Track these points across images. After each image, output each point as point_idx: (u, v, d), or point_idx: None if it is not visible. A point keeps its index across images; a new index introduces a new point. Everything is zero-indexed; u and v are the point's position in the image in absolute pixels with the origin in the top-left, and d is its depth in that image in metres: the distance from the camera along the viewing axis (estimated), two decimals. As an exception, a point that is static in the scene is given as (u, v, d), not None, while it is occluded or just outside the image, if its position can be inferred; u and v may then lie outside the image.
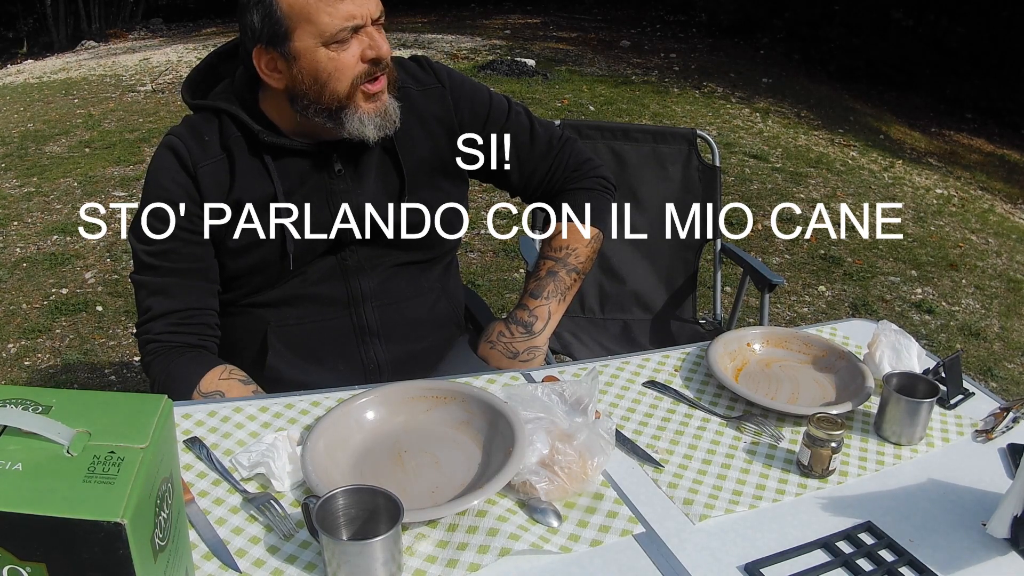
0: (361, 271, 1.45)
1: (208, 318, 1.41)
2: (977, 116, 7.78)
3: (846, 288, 3.77)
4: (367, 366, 1.46)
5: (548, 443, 1.08)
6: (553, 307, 1.50)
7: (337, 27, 1.26)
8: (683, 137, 2.27)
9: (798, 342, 1.48)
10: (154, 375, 1.36)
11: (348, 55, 1.29)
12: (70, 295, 3.35)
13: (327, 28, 1.26)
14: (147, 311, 1.38)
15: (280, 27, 1.26)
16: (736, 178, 4.95)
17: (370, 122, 1.33)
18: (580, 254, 1.55)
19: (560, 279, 1.52)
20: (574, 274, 1.54)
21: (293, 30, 1.27)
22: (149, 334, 1.37)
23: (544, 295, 1.50)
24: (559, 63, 7.63)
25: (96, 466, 0.69)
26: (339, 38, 1.27)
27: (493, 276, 3.62)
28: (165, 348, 1.36)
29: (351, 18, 1.26)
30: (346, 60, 1.29)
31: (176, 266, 1.37)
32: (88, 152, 5.04)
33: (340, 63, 1.29)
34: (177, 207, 1.34)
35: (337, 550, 0.88)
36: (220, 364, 1.35)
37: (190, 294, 1.38)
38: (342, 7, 1.25)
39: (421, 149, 1.46)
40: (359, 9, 1.27)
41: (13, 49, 9.49)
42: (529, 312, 1.49)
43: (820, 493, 1.12)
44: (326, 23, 1.25)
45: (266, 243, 1.37)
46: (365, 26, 1.29)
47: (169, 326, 1.37)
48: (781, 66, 8.52)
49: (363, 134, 1.33)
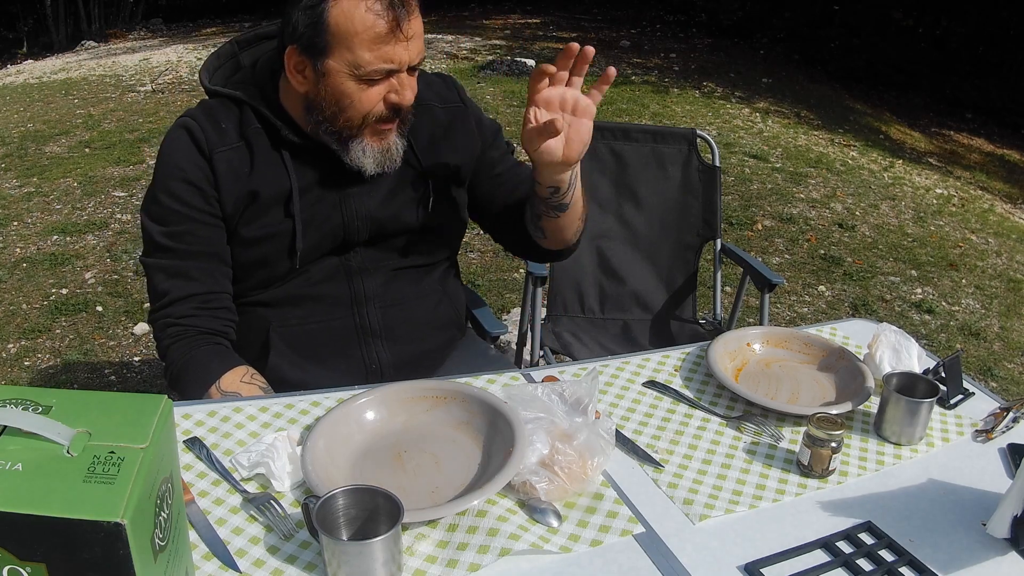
0: (364, 272, 1.45)
1: (228, 302, 1.40)
2: (977, 116, 7.78)
3: (846, 288, 3.77)
4: (369, 366, 1.46)
5: (548, 443, 1.08)
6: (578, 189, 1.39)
7: (373, 67, 1.26)
8: (683, 137, 2.27)
9: (798, 342, 1.48)
10: (172, 359, 1.34)
11: (373, 93, 1.29)
12: (70, 295, 3.35)
13: (363, 64, 1.25)
14: (165, 294, 1.35)
15: (321, 40, 1.26)
16: (736, 178, 4.95)
17: (371, 156, 1.34)
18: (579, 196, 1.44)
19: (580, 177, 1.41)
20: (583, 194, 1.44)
21: (332, 49, 1.26)
22: (170, 317, 1.35)
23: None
24: (559, 63, 7.61)
25: (96, 466, 0.69)
26: (371, 76, 1.27)
27: (493, 276, 3.62)
28: (188, 333, 1.35)
29: (389, 62, 1.26)
30: (370, 97, 1.29)
31: (193, 248, 1.35)
32: (88, 152, 5.04)
33: (363, 98, 1.29)
34: (194, 187, 1.33)
35: (337, 550, 0.88)
36: (243, 364, 1.34)
37: (210, 277, 1.37)
38: (385, 49, 1.25)
39: (442, 159, 1.47)
40: (400, 55, 1.26)
41: (13, 49, 9.50)
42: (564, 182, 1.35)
43: (820, 493, 1.12)
44: (364, 59, 1.25)
45: (275, 238, 1.37)
46: (400, 72, 1.29)
47: (192, 309, 1.35)
48: (781, 66, 8.52)
49: (362, 165, 1.34)
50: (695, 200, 2.28)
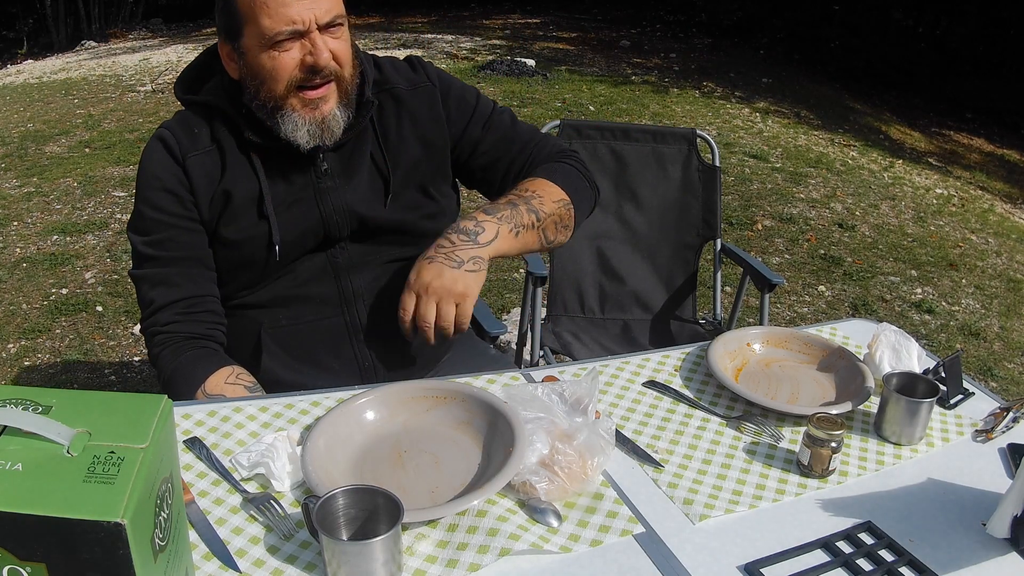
0: (352, 269, 1.45)
1: (213, 305, 1.40)
2: (977, 116, 7.78)
3: (846, 288, 3.77)
4: (362, 365, 1.46)
5: (548, 443, 1.08)
6: (503, 230, 1.36)
7: (275, 31, 1.26)
8: (683, 137, 2.28)
9: (798, 342, 1.48)
10: (161, 368, 1.35)
11: (286, 58, 1.29)
12: (70, 295, 3.35)
13: (266, 31, 1.26)
14: (150, 303, 1.37)
15: (234, 22, 1.29)
16: (736, 178, 4.95)
17: (303, 127, 1.33)
18: (544, 203, 1.43)
19: (518, 210, 1.39)
20: (533, 216, 1.40)
21: (243, 27, 1.28)
22: (156, 325, 1.36)
23: (497, 215, 1.38)
24: (559, 63, 7.63)
25: (96, 466, 0.69)
26: (277, 41, 1.27)
27: (492, 276, 3.62)
28: (173, 339, 1.36)
29: (291, 23, 1.26)
30: (284, 63, 1.29)
31: (175, 255, 1.37)
32: (88, 152, 5.04)
33: (277, 65, 1.29)
34: (171, 194, 1.35)
35: (337, 550, 0.88)
36: (228, 365, 1.35)
37: (192, 282, 1.38)
38: (283, 11, 1.25)
39: (412, 148, 1.46)
40: (301, 15, 1.26)
41: (13, 49, 9.49)
42: (476, 223, 1.36)
43: (820, 493, 1.12)
44: (266, 26, 1.26)
45: (253, 240, 1.37)
46: (309, 32, 1.28)
47: (175, 315, 1.36)
48: (781, 66, 8.52)
49: (295, 138, 1.33)
50: (695, 200, 2.28)
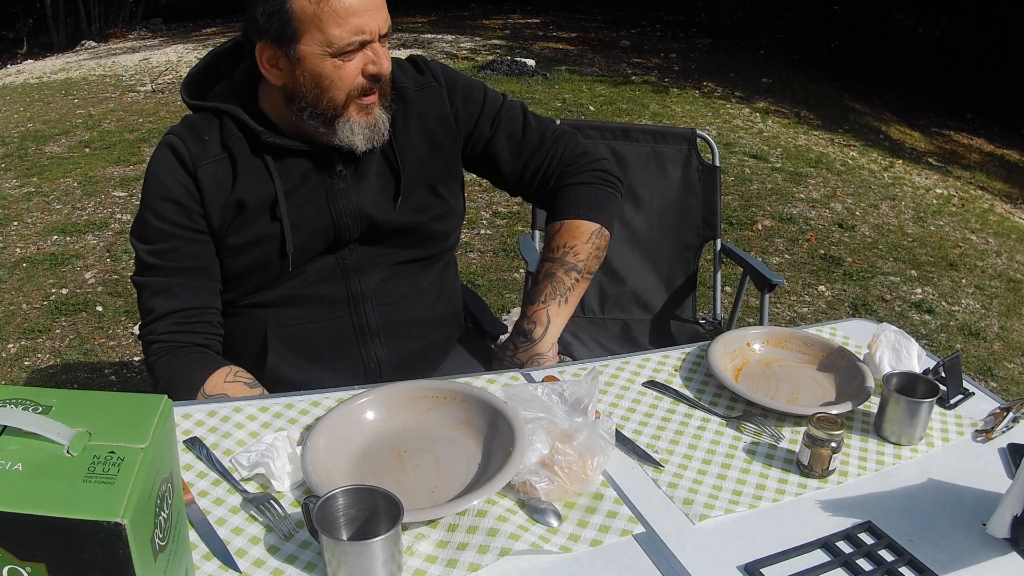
0: (360, 270, 1.45)
1: (211, 316, 1.40)
2: (977, 116, 7.78)
3: (846, 288, 3.77)
4: (367, 365, 1.46)
5: (548, 443, 1.08)
6: (553, 310, 1.48)
7: (346, 40, 1.27)
8: (683, 137, 2.27)
9: (798, 342, 1.48)
10: (158, 376, 1.35)
11: (351, 67, 1.30)
12: (70, 295, 3.35)
13: (336, 40, 1.27)
14: (150, 312, 1.37)
15: (289, 28, 1.27)
16: (736, 178, 4.95)
17: (360, 132, 1.35)
18: (579, 251, 1.52)
19: (558, 280, 1.50)
20: (574, 273, 1.51)
21: (302, 34, 1.27)
22: (153, 335, 1.37)
23: (541, 299, 1.48)
24: (559, 63, 7.63)
25: (96, 466, 0.69)
26: (346, 51, 1.28)
27: (493, 276, 3.62)
28: (169, 348, 1.36)
29: (360, 33, 1.28)
30: (348, 72, 1.30)
31: (178, 265, 1.37)
32: (88, 152, 5.04)
33: (342, 74, 1.30)
34: (178, 205, 1.34)
35: (337, 550, 0.88)
36: (225, 365, 1.35)
37: (193, 293, 1.38)
38: (353, 21, 1.26)
39: (421, 149, 1.47)
40: (369, 25, 1.28)
41: (13, 49, 9.49)
42: (527, 319, 1.47)
43: (820, 493, 1.12)
44: (336, 35, 1.26)
45: (266, 243, 1.37)
46: (372, 41, 1.30)
47: (173, 326, 1.36)
48: (781, 66, 8.52)
49: (352, 143, 1.35)
50: (695, 200, 2.28)
